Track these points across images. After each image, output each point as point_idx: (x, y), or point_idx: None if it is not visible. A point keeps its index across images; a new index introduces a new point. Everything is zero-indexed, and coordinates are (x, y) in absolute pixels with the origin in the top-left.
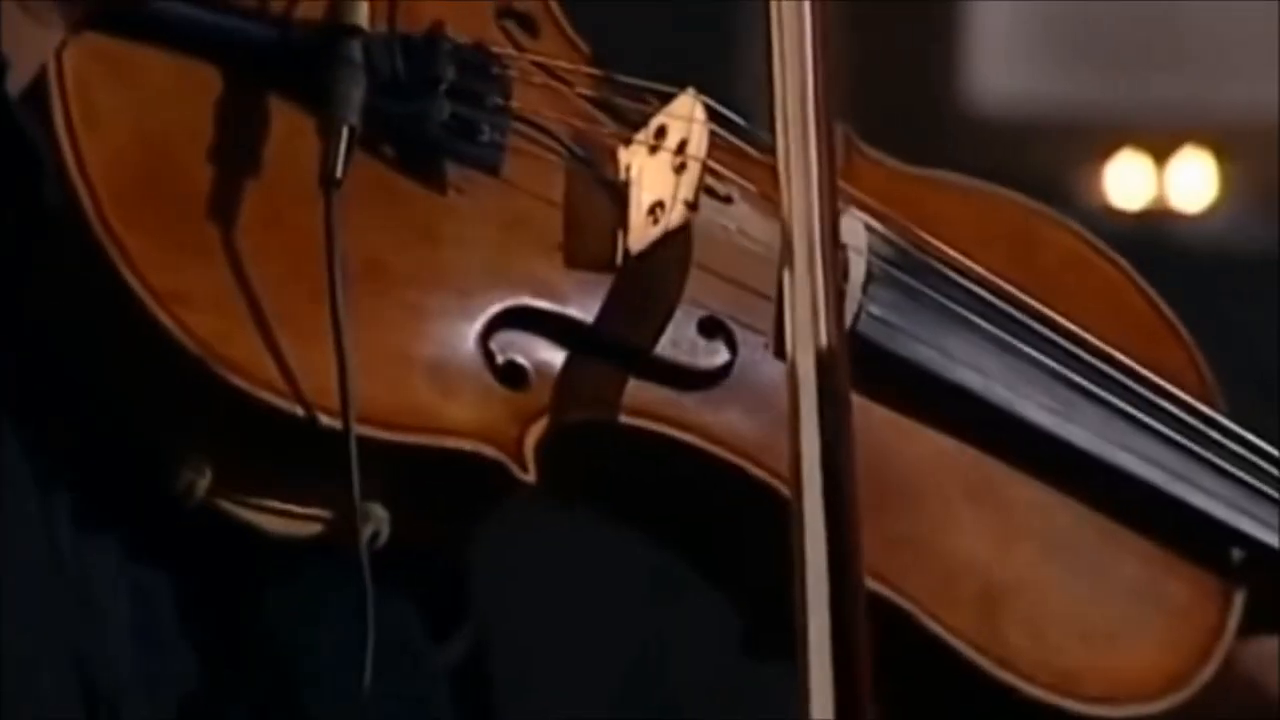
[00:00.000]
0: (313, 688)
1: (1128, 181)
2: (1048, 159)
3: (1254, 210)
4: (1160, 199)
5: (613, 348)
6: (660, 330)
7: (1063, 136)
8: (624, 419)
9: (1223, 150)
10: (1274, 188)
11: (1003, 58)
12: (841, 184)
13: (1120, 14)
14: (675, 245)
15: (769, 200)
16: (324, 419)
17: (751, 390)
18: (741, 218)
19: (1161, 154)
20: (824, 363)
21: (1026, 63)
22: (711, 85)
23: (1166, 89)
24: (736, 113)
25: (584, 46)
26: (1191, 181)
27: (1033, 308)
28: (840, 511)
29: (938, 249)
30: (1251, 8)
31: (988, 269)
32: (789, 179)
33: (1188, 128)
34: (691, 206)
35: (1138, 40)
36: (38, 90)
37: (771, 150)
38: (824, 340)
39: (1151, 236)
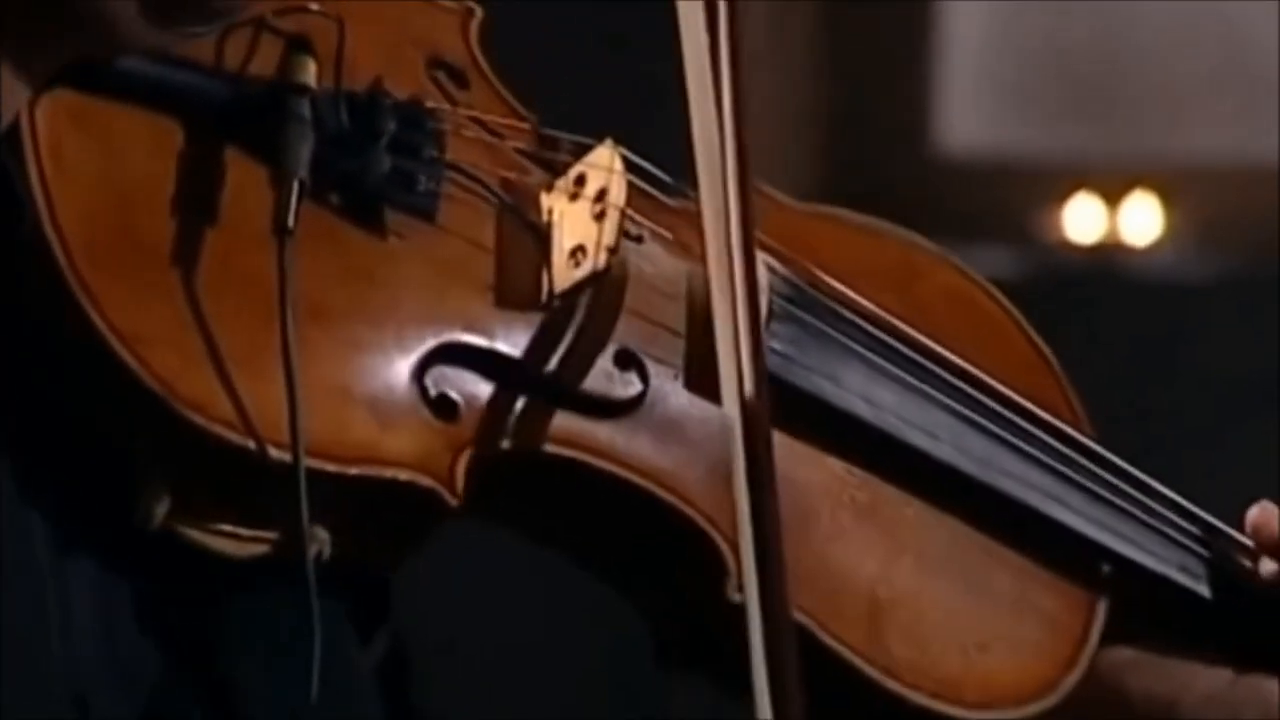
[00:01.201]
0: (260, 689)
1: (1083, 220)
2: (1011, 199)
3: (1195, 246)
4: (1112, 235)
5: (537, 381)
6: (582, 365)
7: (1025, 179)
8: (545, 447)
9: (1168, 193)
10: (1213, 226)
11: (971, 108)
12: None
13: (1077, 70)
14: (598, 287)
15: (677, 242)
16: (274, 452)
17: (662, 418)
18: (652, 257)
19: (1113, 196)
20: (751, 407)
21: (992, 113)
22: (632, 135)
23: (1118, 138)
24: (654, 159)
25: (509, 97)
26: (1140, 220)
27: (916, 340)
28: (767, 537)
29: (830, 287)
30: (1195, 67)
31: (871, 300)
32: (714, 238)
33: (1137, 172)
34: (612, 251)
35: (1093, 94)
36: (11, 138)
37: (680, 194)
38: (749, 385)
39: (1104, 268)
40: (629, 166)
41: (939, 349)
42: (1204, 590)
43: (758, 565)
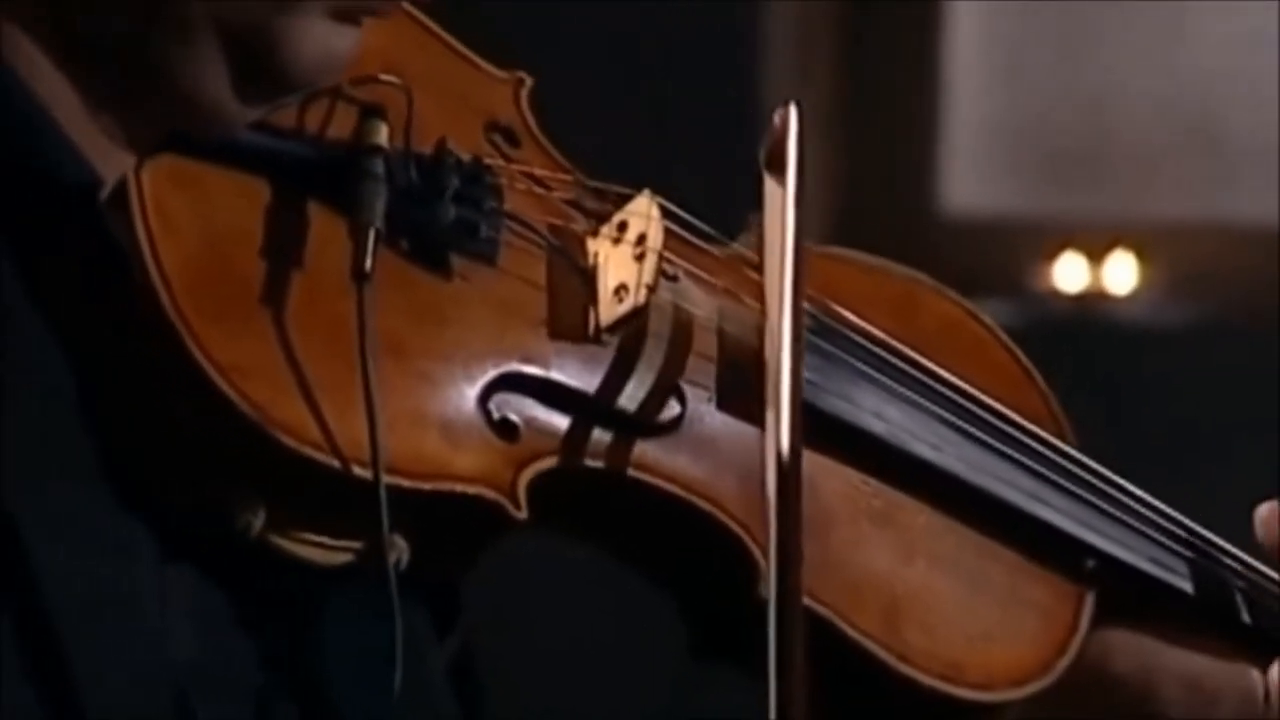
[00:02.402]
0: (347, 688)
1: (1069, 273)
2: (1004, 255)
3: (1169, 297)
4: (1095, 286)
5: (588, 405)
6: (629, 390)
7: (1018, 237)
8: (596, 464)
9: (1144, 249)
10: (1185, 279)
11: (970, 174)
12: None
13: (1063, 141)
14: (639, 320)
15: (708, 279)
16: (357, 470)
17: (698, 436)
18: (686, 293)
19: (1096, 253)
20: (792, 424)
21: (989, 178)
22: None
23: (1100, 202)
24: (681, 204)
25: (556, 154)
26: (1120, 273)
27: (920, 363)
28: (789, 539)
29: (845, 319)
30: (1168, 138)
31: (880, 328)
32: (771, 295)
33: (1117, 232)
34: (651, 289)
35: (1078, 162)
36: (117, 197)
37: (710, 239)
38: (786, 413)
39: (1087, 316)
40: (665, 214)
41: (940, 370)
42: (1180, 584)
43: (778, 568)
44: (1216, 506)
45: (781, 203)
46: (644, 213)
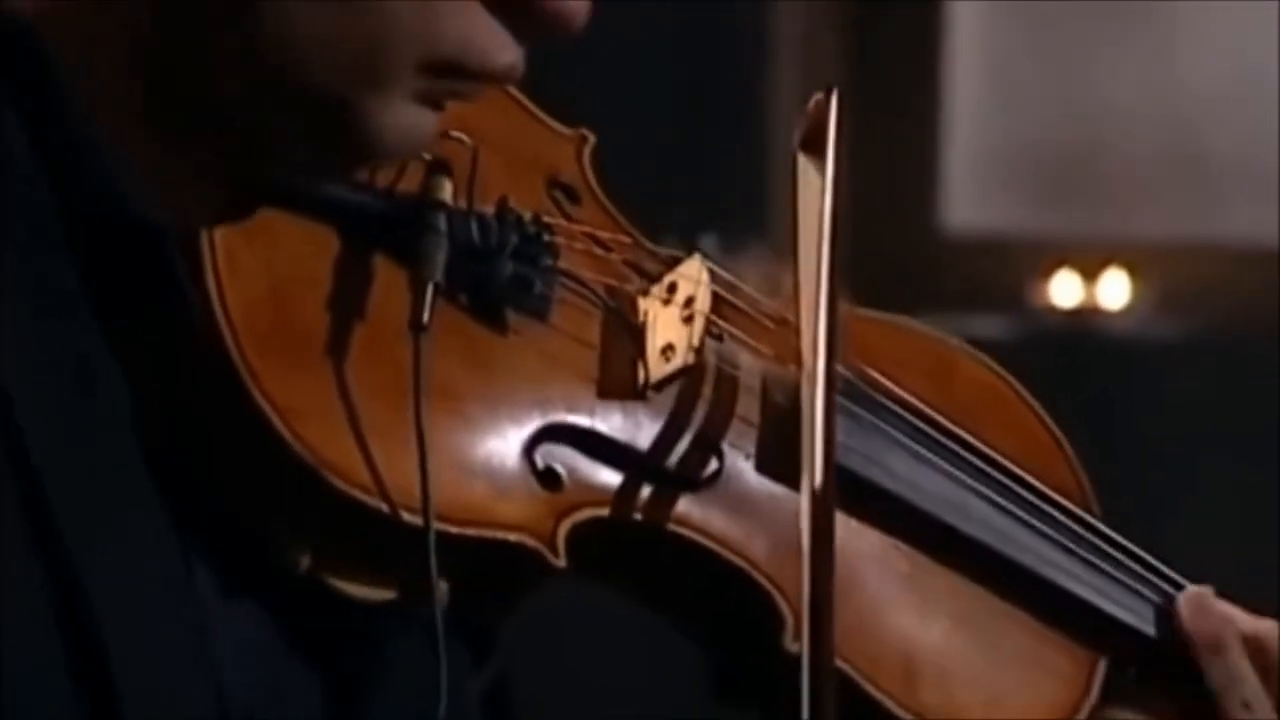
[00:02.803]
0: (393, 713)
1: (1065, 290)
2: (1002, 272)
3: (1160, 312)
4: (1090, 302)
5: (630, 458)
6: (671, 447)
7: (1014, 254)
8: (634, 515)
9: (1137, 267)
10: (1175, 295)
11: (969, 194)
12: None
13: (1059, 162)
14: (684, 379)
15: (753, 344)
16: (403, 514)
17: (734, 494)
18: (731, 355)
19: (1090, 270)
20: (821, 487)
21: (987, 198)
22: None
23: (1094, 221)
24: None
25: (615, 213)
26: (1113, 290)
27: (952, 431)
28: (822, 593)
29: (881, 385)
30: (1159, 161)
31: (913, 392)
32: (807, 349)
33: (1110, 250)
34: (697, 350)
35: (1072, 183)
36: (186, 240)
37: (757, 304)
38: (819, 469)
39: (1082, 331)
40: (714, 277)
41: (971, 439)
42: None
43: (811, 622)
44: (1202, 512)
45: (817, 186)
46: (694, 276)
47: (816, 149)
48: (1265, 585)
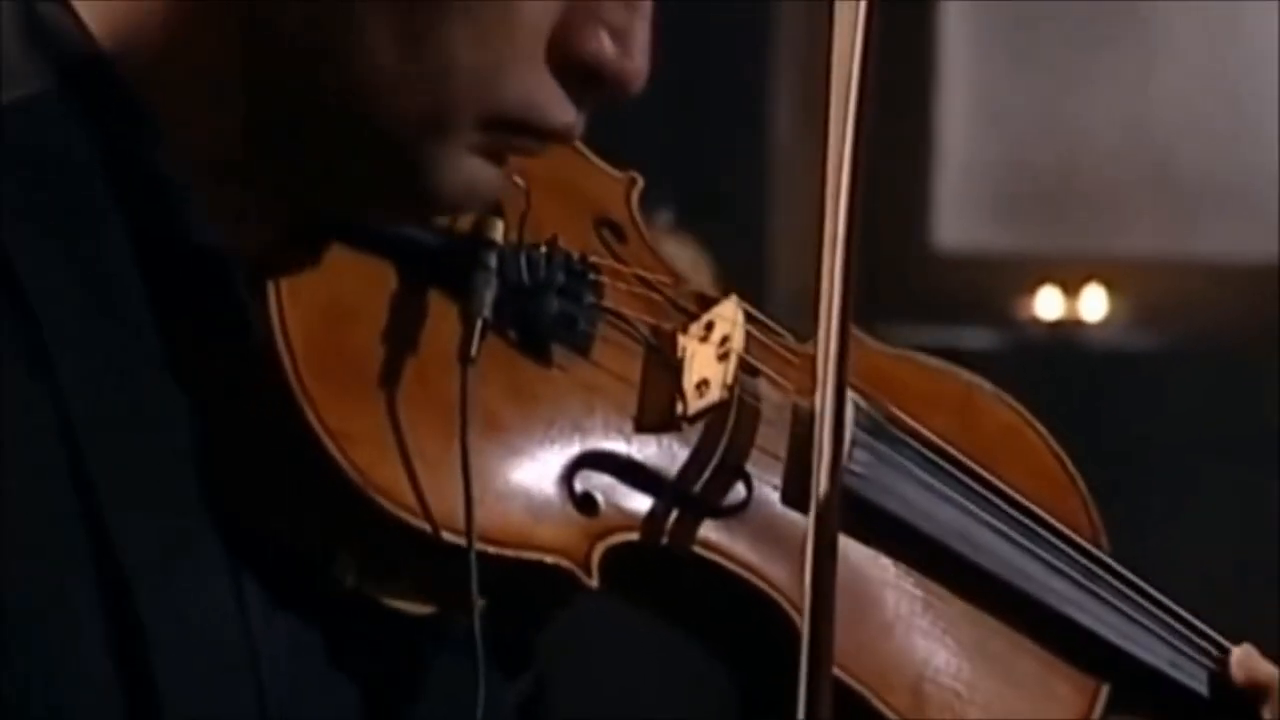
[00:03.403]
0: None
1: (1048, 303)
2: (989, 287)
3: (1137, 325)
4: (1071, 314)
5: (664, 486)
6: (702, 476)
7: (1000, 271)
8: (665, 540)
9: (1115, 282)
10: (1151, 309)
11: (958, 214)
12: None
13: (1042, 184)
14: (717, 413)
15: (783, 381)
16: (448, 536)
17: (760, 523)
18: (762, 392)
19: (1071, 285)
20: (824, 508)
21: (976, 218)
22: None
23: (1075, 239)
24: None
25: (660, 251)
26: (1093, 303)
27: (969, 468)
28: (824, 611)
29: (903, 421)
30: (1135, 181)
31: (936, 429)
32: (822, 380)
33: (1090, 266)
34: (730, 387)
35: (1055, 204)
36: (248, 272)
37: (787, 344)
38: (823, 491)
39: (1063, 342)
40: (748, 318)
41: (988, 475)
42: (1196, 686)
43: (810, 639)
44: (1175, 513)
45: (851, 21)
46: (730, 317)
47: None
48: (1226, 581)
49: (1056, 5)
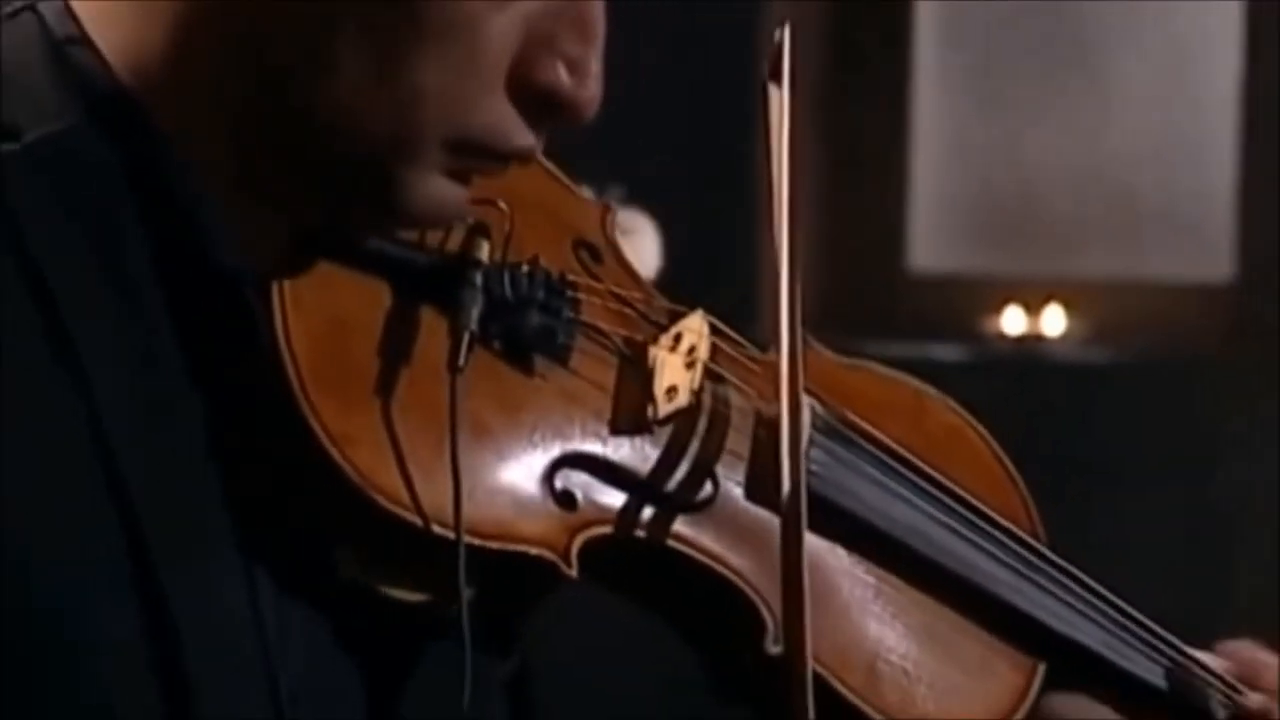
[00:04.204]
0: (424, 699)
1: (1011, 322)
2: (958, 306)
3: (1094, 341)
4: (1034, 331)
5: (637, 483)
6: (672, 474)
7: (970, 292)
8: (639, 533)
9: (1074, 301)
10: (1106, 326)
11: (929, 237)
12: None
13: (1007, 210)
14: (685, 416)
15: (745, 386)
16: (437, 529)
17: (726, 517)
18: (727, 397)
19: (1034, 305)
20: (790, 500)
21: (945, 241)
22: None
23: (1037, 261)
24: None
25: (634, 270)
26: (1053, 321)
27: (919, 467)
28: (795, 598)
29: (856, 423)
30: (1093, 207)
31: (888, 432)
32: (781, 385)
33: (1051, 287)
34: (696, 394)
35: (1019, 229)
36: (262, 284)
37: (749, 353)
38: (787, 486)
39: (1026, 357)
40: (714, 330)
41: (935, 473)
42: (1125, 665)
43: (785, 623)
44: (1122, 511)
45: (779, 104)
46: (696, 329)
47: (777, 78)
48: (1178, 586)
49: (1019, 51)
